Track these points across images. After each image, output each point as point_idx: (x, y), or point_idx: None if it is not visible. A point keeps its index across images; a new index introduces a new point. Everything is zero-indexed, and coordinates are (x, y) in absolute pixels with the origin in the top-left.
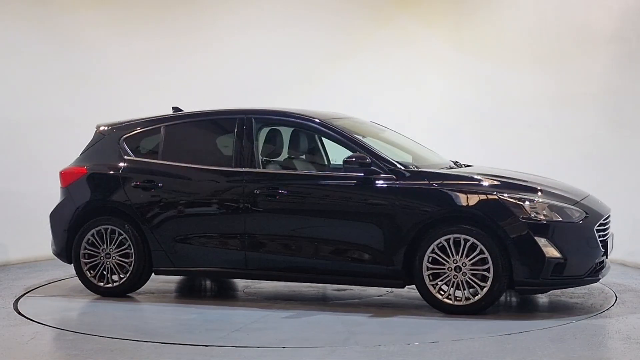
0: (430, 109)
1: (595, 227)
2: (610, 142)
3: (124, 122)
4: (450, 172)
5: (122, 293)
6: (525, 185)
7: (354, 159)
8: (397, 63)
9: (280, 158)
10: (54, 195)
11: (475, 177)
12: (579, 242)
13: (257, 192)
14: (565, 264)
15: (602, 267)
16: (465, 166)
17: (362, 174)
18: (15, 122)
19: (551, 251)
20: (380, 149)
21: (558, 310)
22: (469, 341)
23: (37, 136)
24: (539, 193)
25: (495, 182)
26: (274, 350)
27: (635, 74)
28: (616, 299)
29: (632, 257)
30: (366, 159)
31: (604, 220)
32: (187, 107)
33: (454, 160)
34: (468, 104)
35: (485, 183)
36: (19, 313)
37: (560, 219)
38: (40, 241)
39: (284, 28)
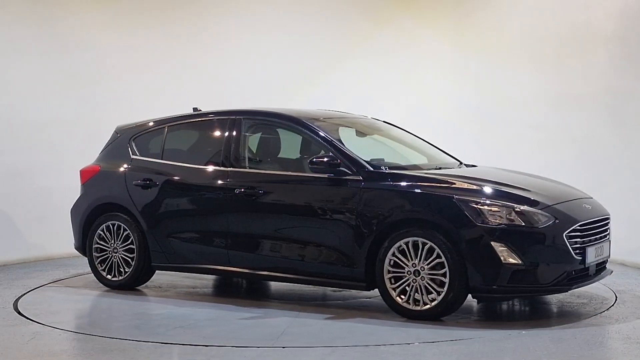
0: (430, 108)
1: (566, 234)
2: (610, 142)
3: (136, 123)
4: (417, 174)
5: (128, 286)
6: (495, 189)
7: (323, 159)
8: (397, 63)
9: (267, 158)
10: (54, 195)
11: (442, 179)
12: (544, 248)
13: (238, 192)
14: (526, 271)
15: (582, 276)
16: (468, 166)
17: (332, 175)
18: (15, 123)
19: (509, 257)
20: (379, 148)
21: (558, 310)
22: (469, 341)
23: (37, 136)
24: (506, 197)
25: (462, 185)
26: (274, 350)
27: (635, 74)
28: (616, 299)
29: (632, 257)
30: (335, 159)
31: (579, 226)
32: (188, 108)
33: (459, 160)
34: (468, 104)
35: (450, 185)
36: (19, 313)
37: (522, 224)
38: (40, 241)
39: (285, 29)
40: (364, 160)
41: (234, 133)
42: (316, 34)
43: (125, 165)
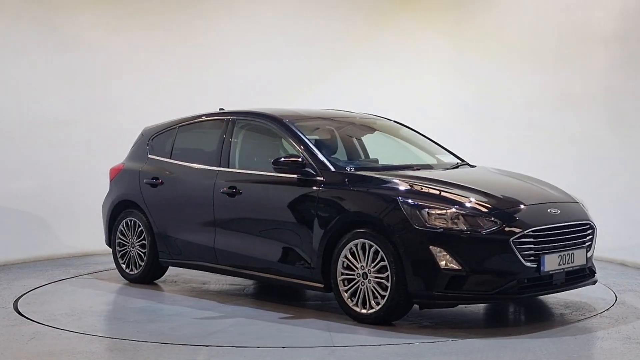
0: (430, 108)
1: (514, 239)
2: (610, 142)
3: (158, 124)
4: (374, 175)
5: (143, 280)
6: (448, 192)
7: (285, 160)
8: (397, 63)
9: (251, 158)
10: (54, 195)
11: (399, 180)
12: (488, 254)
13: (221, 191)
14: (467, 278)
15: (540, 284)
16: (472, 167)
17: (300, 175)
18: (14, 122)
19: (448, 262)
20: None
21: (558, 310)
22: (469, 341)
23: (37, 136)
24: (452, 200)
25: (413, 187)
26: (274, 350)
27: (635, 74)
28: (616, 299)
29: (632, 257)
30: (303, 160)
31: (533, 232)
32: (186, 107)
33: (461, 159)
34: (468, 104)
35: (400, 187)
36: (19, 313)
37: (465, 229)
38: (40, 241)
39: (286, 30)
40: (329, 161)
41: (226, 133)
42: (317, 35)
43: (141, 164)
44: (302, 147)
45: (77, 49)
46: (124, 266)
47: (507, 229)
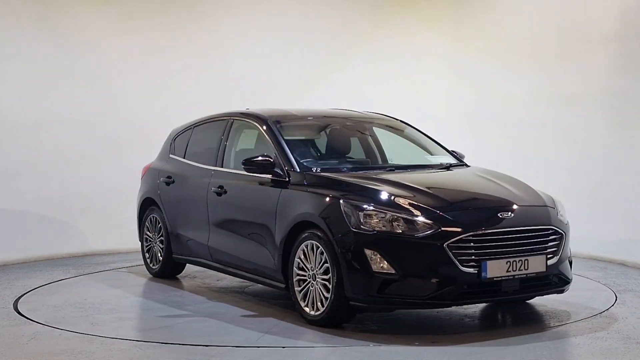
0: (430, 108)
1: (448, 244)
2: (610, 142)
3: (181, 125)
4: (330, 176)
5: (164, 275)
6: (392, 194)
7: (256, 159)
8: (397, 63)
9: (241, 158)
10: (54, 195)
11: (346, 181)
12: (421, 258)
13: (213, 190)
14: (400, 282)
15: (485, 291)
16: (466, 166)
17: (271, 175)
18: (14, 122)
19: (381, 266)
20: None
21: (558, 310)
22: (470, 342)
23: (36, 136)
24: (390, 203)
25: (361, 188)
26: (274, 350)
27: (635, 74)
28: (616, 299)
29: (632, 257)
30: (271, 160)
31: (473, 236)
32: (187, 108)
33: (460, 159)
34: (468, 103)
35: (343, 189)
36: (19, 313)
37: (399, 232)
38: (39, 241)
39: (285, 29)
40: (297, 162)
41: (224, 134)
42: (317, 35)
43: (163, 164)
44: (276, 147)
45: (77, 49)
46: (148, 261)
47: (443, 232)
